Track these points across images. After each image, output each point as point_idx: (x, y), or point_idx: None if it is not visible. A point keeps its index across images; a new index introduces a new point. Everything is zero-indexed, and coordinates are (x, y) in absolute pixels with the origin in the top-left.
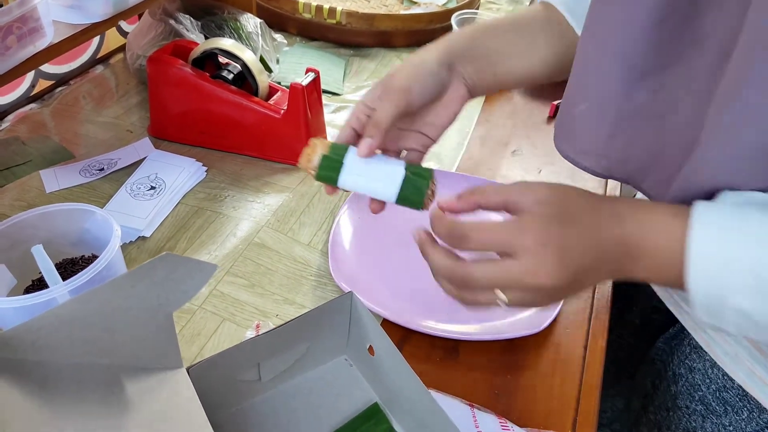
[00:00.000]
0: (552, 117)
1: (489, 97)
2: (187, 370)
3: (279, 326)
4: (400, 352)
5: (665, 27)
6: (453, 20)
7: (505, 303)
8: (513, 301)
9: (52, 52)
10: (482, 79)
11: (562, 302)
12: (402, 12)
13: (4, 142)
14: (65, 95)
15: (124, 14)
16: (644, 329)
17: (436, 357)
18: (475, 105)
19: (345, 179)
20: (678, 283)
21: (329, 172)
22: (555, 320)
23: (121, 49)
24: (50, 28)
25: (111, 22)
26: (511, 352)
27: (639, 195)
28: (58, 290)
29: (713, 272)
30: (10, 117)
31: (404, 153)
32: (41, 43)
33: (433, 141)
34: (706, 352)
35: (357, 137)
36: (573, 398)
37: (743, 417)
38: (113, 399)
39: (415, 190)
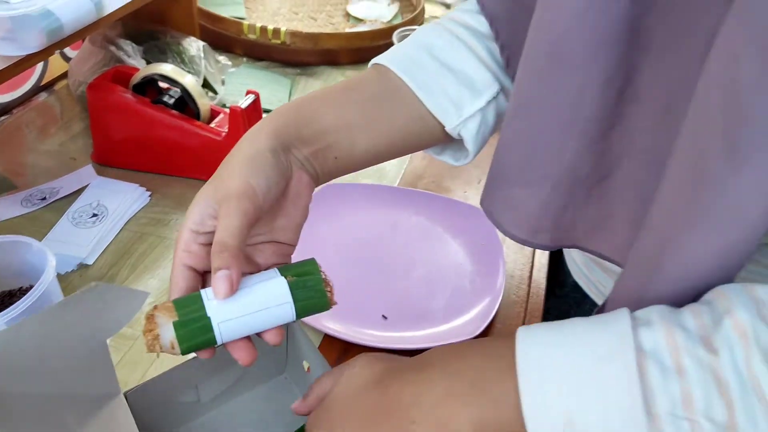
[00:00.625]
0: None
1: None
2: (125, 395)
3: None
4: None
5: (611, 86)
6: (394, 37)
7: None
8: None
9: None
10: (322, 165)
11: (496, 306)
12: (347, 30)
13: None
14: (7, 124)
15: (60, 44)
16: None
17: None
18: None
19: (223, 331)
20: None
21: (198, 337)
22: (490, 326)
23: (65, 75)
24: None
25: (46, 52)
26: None
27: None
28: None
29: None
30: None
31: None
32: None
33: (293, 246)
34: None
35: (199, 277)
36: None
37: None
38: (55, 428)
39: (313, 292)
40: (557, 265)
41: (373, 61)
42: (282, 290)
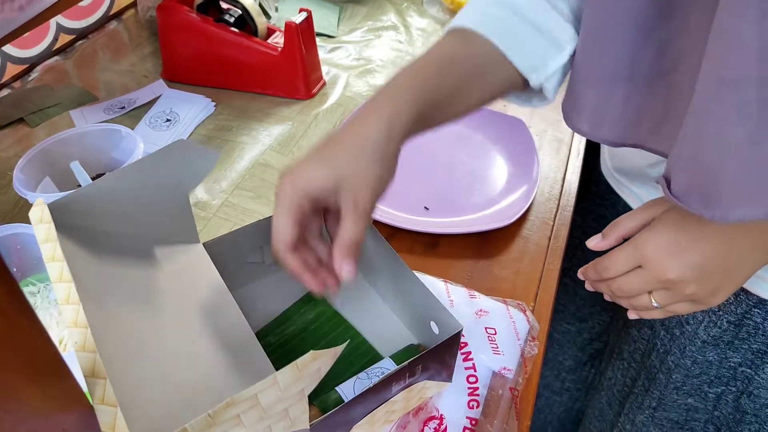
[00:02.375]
0: None
1: None
2: (203, 245)
3: None
4: None
5: None
6: None
7: (658, 306)
8: (662, 302)
9: (65, 4)
10: (414, 135)
11: (532, 196)
12: None
13: (35, 89)
14: (84, 48)
15: None
16: None
17: (417, 249)
18: None
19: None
20: None
21: None
22: (524, 217)
23: (132, 5)
24: None
25: None
26: (485, 243)
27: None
28: None
29: None
30: (38, 68)
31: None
32: None
33: None
34: None
35: (300, 229)
36: (536, 277)
37: (730, 300)
38: (144, 260)
39: None
40: (591, 171)
41: (456, 23)
42: None
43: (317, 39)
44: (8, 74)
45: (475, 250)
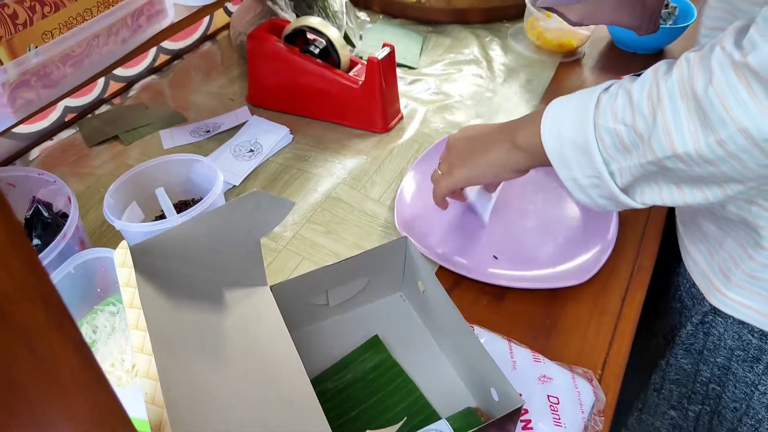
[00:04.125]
0: None
1: (558, 72)
2: (270, 288)
3: (345, 259)
4: (450, 296)
5: None
6: None
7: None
8: (441, 169)
9: (173, 30)
10: None
11: (605, 257)
12: None
13: (131, 107)
14: (179, 68)
15: None
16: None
17: (483, 301)
18: (545, 78)
19: None
20: (541, 150)
21: None
22: (597, 275)
23: (226, 27)
24: (171, 9)
25: (219, 3)
26: (553, 301)
27: None
28: (175, 221)
29: (551, 129)
30: (136, 86)
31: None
32: (165, 22)
33: None
34: (729, 316)
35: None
36: (606, 342)
37: (697, 301)
38: (214, 301)
39: None
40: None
41: None
42: None
43: (398, 70)
44: (109, 91)
45: (543, 308)
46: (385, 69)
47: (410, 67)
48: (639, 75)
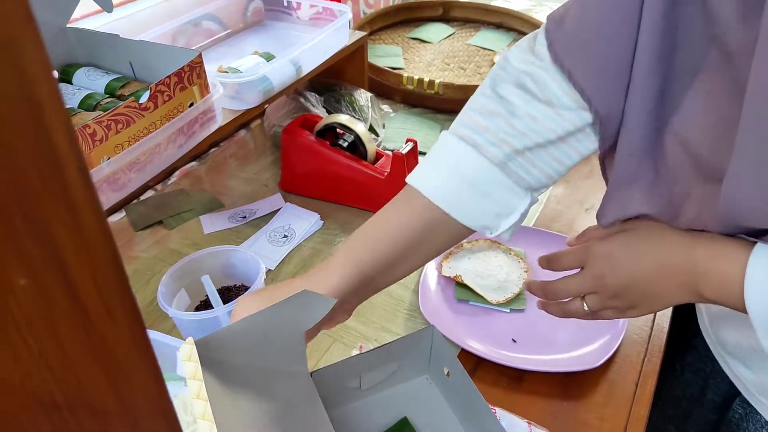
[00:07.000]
0: None
1: None
2: (311, 374)
3: (377, 347)
4: (472, 377)
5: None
6: None
7: (587, 308)
8: (592, 305)
9: (220, 132)
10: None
11: (616, 344)
12: None
13: (173, 193)
14: (217, 155)
15: (270, 100)
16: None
17: (503, 383)
18: None
19: None
20: (740, 305)
21: None
22: (611, 359)
23: (259, 115)
24: (220, 114)
25: (260, 106)
26: (571, 383)
27: None
28: (221, 311)
29: (761, 294)
30: (177, 173)
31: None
32: (214, 126)
33: None
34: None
35: None
36: (621, 425)
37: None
38: (265, 388)
39: None
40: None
41: (413, 183)
42: None
43: (419, 157)
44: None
45: (561, 390)
46: (409, 161)
47: None
48: None
